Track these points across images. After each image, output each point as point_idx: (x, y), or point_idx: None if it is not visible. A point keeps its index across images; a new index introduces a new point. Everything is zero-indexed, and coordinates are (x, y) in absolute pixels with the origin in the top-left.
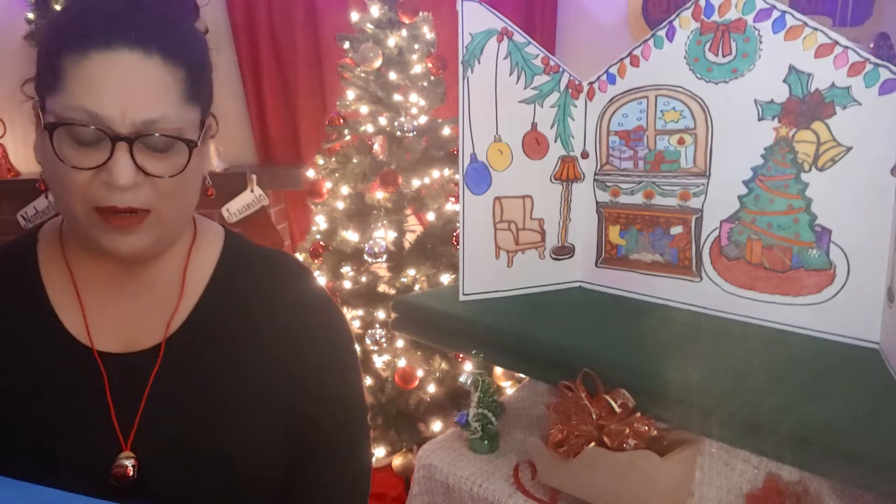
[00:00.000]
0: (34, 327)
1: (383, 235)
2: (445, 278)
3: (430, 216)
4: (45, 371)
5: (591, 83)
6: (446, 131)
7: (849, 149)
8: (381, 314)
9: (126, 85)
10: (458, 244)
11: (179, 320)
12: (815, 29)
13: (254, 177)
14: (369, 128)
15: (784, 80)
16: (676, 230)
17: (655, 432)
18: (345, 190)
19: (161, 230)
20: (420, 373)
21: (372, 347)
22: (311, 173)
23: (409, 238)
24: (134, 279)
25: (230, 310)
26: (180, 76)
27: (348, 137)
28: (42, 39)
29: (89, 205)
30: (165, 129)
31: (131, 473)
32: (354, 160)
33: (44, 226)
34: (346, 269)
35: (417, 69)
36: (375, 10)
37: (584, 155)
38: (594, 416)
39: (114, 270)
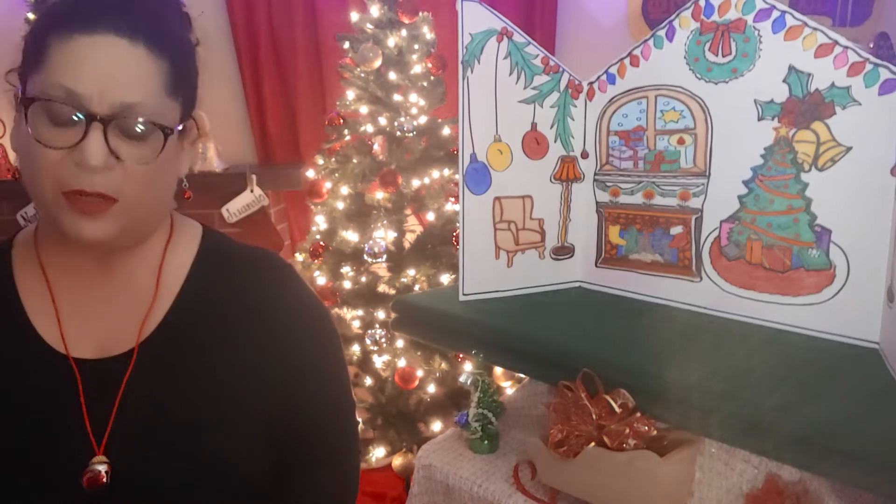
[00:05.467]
0: (7, 332)
1: (383, 235)
2: (445, 278)
3: (430, 216)
4: (18, 376)
5: (590, 83)
6: (446, 131)
7: (849, 149)
8: (381, 314)
9: (107, 67)
10: (457, 244)
11: (154, 323)
12: (815, 29)
13: (254, 177)
14: (369, 128)
15: (784, 80)
16: (676, 230)
17: (655, 432)
18: (345, 190)
19: (128, 220)
20: (420, 373)
21: (372, 347)
22: (310, 173)
23: (409, 238)
24: (108, 280)
25: (206, 311)
26: (164, 68)
27: (348, 137)
28: (32, 25)
29: (58, 188)
30: (143, 115)
31: (104, 479)
32: (354, 160)
33: (19, 232)
34: (346, 270)
35: (417, 69)
36: (375, 10)
37: (584, 155)
38: (594, 416)
39: (88, 271)
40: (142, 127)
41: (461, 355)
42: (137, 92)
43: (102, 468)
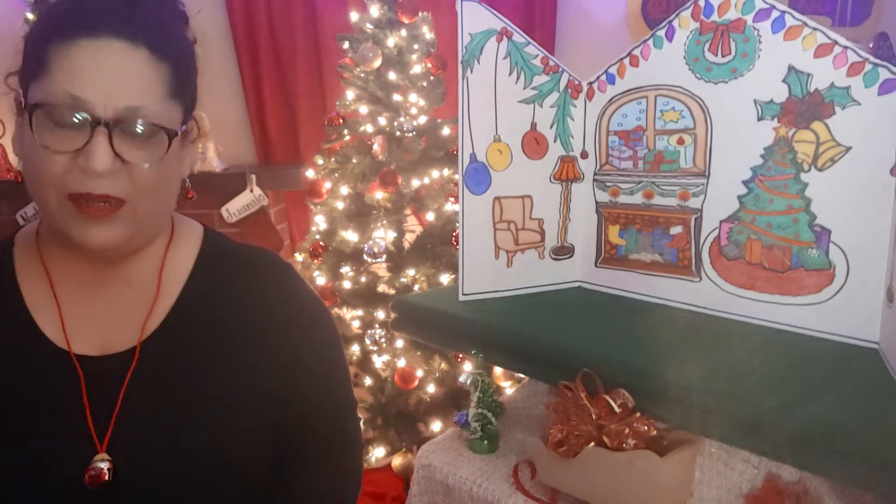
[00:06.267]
0: (9, 330)
1: (383, 235)
2: (445, 278)
3: (430, 216)
4: (20, 374)
5: (590, 83)
6: (446, 131)
7: (848, 149)
8: (380, 314)
9: (111, 72)
10: (457, 244)
11: (156, 322)
12: (815, 29)
13: (253, 177)
14: (369, 128)
15: (783, 80)
16: (676, 230)
17: (655, 432)
18: (344, 190)
19: (135, 225)
20: (420, 373)
21: (372, 347)
22: (310, 173)
23: (409, 238)
24: (110, 280)
25: (208, 310)
26: (166, 72)
27: (348, 137)
28: (31, 29)
29: (64, 192)
30: (147, 118)
31: (107, 477)
32: (354, 160)
33: (20, 230)
34: (346, 270)
35: (417, 69)
36: (375, 10)
37: (584, 155)
38: (594, 416)
39: (90, 271)
40: (146, 129)
41: (461, 355)
42: (141, 96)
43: (105, 466)
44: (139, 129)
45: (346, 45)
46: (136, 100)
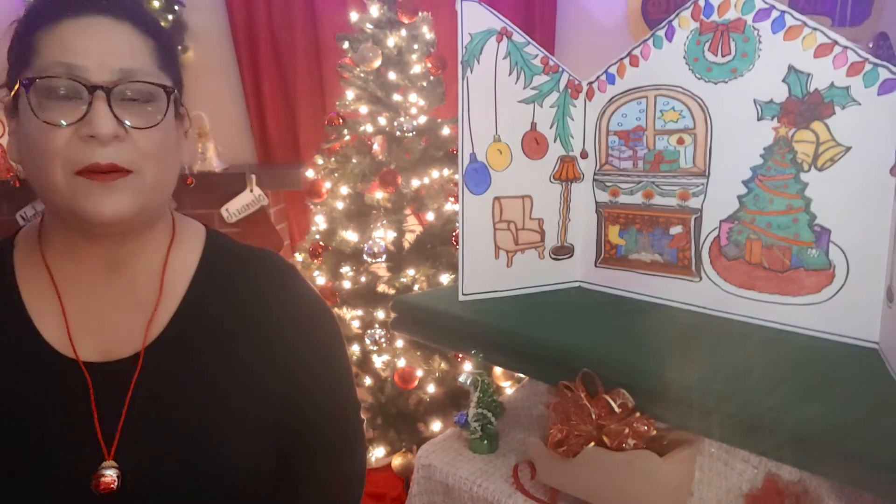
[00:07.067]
0: (10, 337)
1: (383, 235)
2: (445, 278)
3: (430, 216)
4: (22, 382)
5: (590, 83)
6: (446, 131)
7: (848, 149)
8: (380, 314)
9: (100, 40)
10: (457, 244)
11: (160, 326)
12: (815, 29)
13: (253, 177)
14: (369, 128)
15: (783, 80)
16: (676, 230)
17: (655, 432)
18: (344, 190)
19: (144, 196)
20: (419, 373)
21: (371, 347)
22: (310, 173)
23: (409, 238)
24: (114, 280)
25: (211, 312)
26: (152, 45)
27: (348, 137)
28: (17, 27)
29: (70, 169)
30: (143, 79)
31: (115, 484)
32: (354, 160)
33: (20, 231)
34: (346, 269)
35: (417, 69)
36: (375, 10)
37: (584, 155)
38: (594, 416)
39: (93, 272)
40: (144, 90)
41: (461, 355)
42: (133, 59)
43: (113, 473)
44: (137, 90)
45: (346, 45)
46: (130, 62)
